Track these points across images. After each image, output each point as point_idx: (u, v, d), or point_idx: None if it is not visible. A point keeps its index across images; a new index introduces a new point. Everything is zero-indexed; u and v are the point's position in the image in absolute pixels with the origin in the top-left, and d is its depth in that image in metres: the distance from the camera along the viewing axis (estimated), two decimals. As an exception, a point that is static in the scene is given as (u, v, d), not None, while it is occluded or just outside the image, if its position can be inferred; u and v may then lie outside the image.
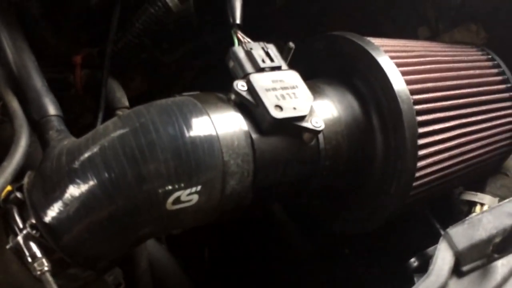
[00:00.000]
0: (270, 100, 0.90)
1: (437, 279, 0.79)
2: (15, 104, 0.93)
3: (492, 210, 0.86)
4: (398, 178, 1.02)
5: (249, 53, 0.96)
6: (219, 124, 0.86)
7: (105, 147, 0.81)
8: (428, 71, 1.11)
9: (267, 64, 0.95)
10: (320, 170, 0.99)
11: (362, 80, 1.05)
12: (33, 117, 0.94)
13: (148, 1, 1.14)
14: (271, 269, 1.49)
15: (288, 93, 0.92)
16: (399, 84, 1.01)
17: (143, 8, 1.15)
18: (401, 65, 1.05)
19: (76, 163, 0.82)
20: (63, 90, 1.16)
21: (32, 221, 0.82)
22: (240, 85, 0.91)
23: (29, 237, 0.81)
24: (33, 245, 0.81)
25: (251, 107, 0.91)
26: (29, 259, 0.80)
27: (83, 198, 0.80)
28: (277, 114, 0.89)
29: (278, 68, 0.96)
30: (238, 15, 1.03)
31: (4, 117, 0.97)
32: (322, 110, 1.00)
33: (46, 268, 0.79)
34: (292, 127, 0.91)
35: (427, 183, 1.07)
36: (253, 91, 0.91)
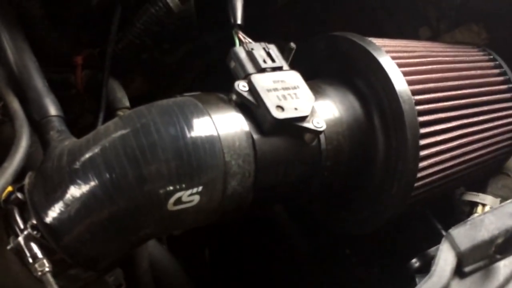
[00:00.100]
0: (272, 100, 0.90)
1: (439, 280, 0.79)
2: (15, 105, 0.93)
3: (494, 211, 0.86)
4: (400, 179, 1.02)
5: (250, 54, 0.96)
6: (220, 125, 0.86)
7: (106, 147, 0.81)
8: (429, 71, 1.11)
9: (268, 64, 0.95)
10: (321, 170, 0.99)
11: (364, 80, 1.05)
12: (34, 118, 0.94)
13: (149, 1, 1.14)
14: (271, 269, 1.49)
15: (290, 93, 0.92)
16: (401, 84, 1.01)
17: (144, 9, 1.15)
18: (403, 65, 1.04)
19: (77, 164, 0.81)
20: (63, 90, 1.16)
21: (33, 221, 0.82)
22: (241, 86, 0.91)
23: (30, 238, 0.81)
24: (34, 246, 0.81)
25: (252, 107, 0.91)
26: (30, 260, 0.80)
27: (84, 198, 0.80)
28: (278, 114, 0.88)
29: (279, 68, 0.96)
30: (239, 15, 1.03)
31: (5, 118, 0.97)
32: (323, 111, 1.00)
33: (47, 268, 0.79)
34: (294, 127, 0.91)
35: (428, 184, 1.07)
36: (254, 92, 0.91)
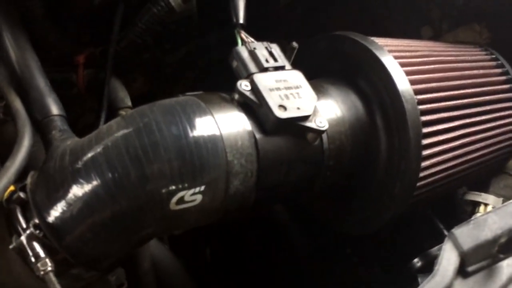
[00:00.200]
0: (274, 100, 0.89)
1: (442, 279, 0.79)
2: (18, 104, 0.93)
3: (497, 211, 0.86)
4: (402, 178, 1.02)
5: (252, 53, 0.95)
6: (222, 124, 0.86)
7: (108, 147, 0.81)
8: (432, 71, 1.11)
9: (270, 64, 0.95)
10: (323, 170, 0.99)
11: (366, 80, 1.05)
12: (36, 117, 0.94)
13: (151, 1, 1.14)
14: (272, 269, 1.49)
15: (292, 93, 0.92)
16: (403, 84, 1.01)
17: (146, 8, 1.15)
18: (405, 65, 1.04)
19: (79, 163, 0.81)
20: (65, 90, 1.16)
21: (36, 221, 0.82)
22: (244, 85, 0.91)
23: (33, 237, 0.81)
24: (36, 245, 0.80)
25: (255, 107, 0.90)
26: (33, 259, 0.80)
27: (86, 198, 0.80)
28: (281, 114, 0.88)
29: (282, 68, 0.96)
30: (241, 14, 1.03)
31: (7, 117, 0.97)
32: (325, 110, 1.00)
33: (49, 268, 0.79)
34: (296, 127, 0.91)
35: (430, 183, 1.07)
36: (256, 91, 0.90)
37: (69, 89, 1.19)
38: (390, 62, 1.02)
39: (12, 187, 0.84)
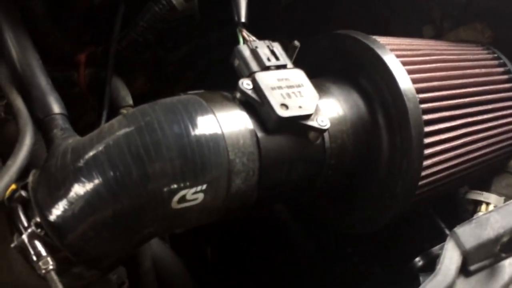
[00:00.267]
0: (276, 98, 0.89)
1: (444, 278, 0.79)
2: (19, 103, 0.93)
3: (499, 210, 0.86)
4: (404, 177, 1.01)
5: (254, 52, 0.95)
6: (224, 123, 0.86)
7: (110, 145, 0.81)
8: (434, 69, 1.10)
9: (272, 62, 0.95)
10: (325, 169, 0.99)
11: (368, 78, 1.04)
12: (38, 116, 0.94)
13: (153, 0, 1.14)
14: (273, 268, 1.49)
15: (294, 91, 0.92)
16: (405, 82, 1.01)
17: (147, 7, 1.14)
18: (407, 63, 1.04)
19: (81, 162, 0.81)
20: (66, 88, 1.16)
21: (37, 219, 0.82)
22: (246, 84, 0.91)
23: (34, 236, 0.81)
24: (38, 244, 0.80)
25: (257, 105, 0.90)
26: (34, 258, 0.80)
27: (88, 196, 0.80)
28: (282, 112, 0.88)
29: (284, 66, 0.96)
30: (243, 13, 1.02)
31: (9, 116, 0.97)
32: (327, 109, 1.00)
33: (51, 266, 0.79)
34: (298, 125, 0.91)
35: (432, 182, 1.07)
36: (258, 90, 0.90)
37: (70, 88, 1.19)
38: (392, 61, 1.02)
39: (13, 186, 0.84)
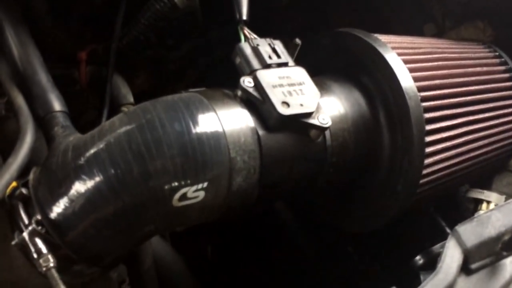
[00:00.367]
0: (277, 96, 0.89)
1: (445, 276, 0.79)
2: (20, 100, 0.93)
3: (500, 208, 0.85)
4: (405, 176, 1.01)
5: (255, 49, 0.95)
6: (225, 121, 0.86)
7: (111, 143, 0.81)
8: (435, 68, 1.10)
9: (273, 60, 0.95)
10: (326, 167, 0.99)
11: (369, 76, 1.04)
12: (39, 113, 0.94)
13: (154, -3, 1.14)
14: (273, 266, 1.49)
15: (295, 89, 0.92)
16: (407, 81, 1.00)
17: (148, 4, 1.14)
18: (409, 61, 1.04)
19: (81, 159, 0.81)
20: (67, 86, 1.16)
21: (38, 217, 0.82)
22: (247, 82, 0.91)
23: (35, 233, 0.81)
24: (38, 241, 0.81)
25: (258, 103, 0.90)
26: (35, 255, 0.80)
27: (88, 194, 0.80)
28: (284, 110, 0.88)
29: (285, 64, 0.95)
30: (244, 11, 1.02)
31: (9, 113, 0.97)
32: (328, 107, 1.00)
33: (51, 264, 0.79)
34: (299, 123, 0.91)
35: (433, 181, 1.06)
36: (259, 88, 0.90)
37: (71, 86, 1.19)
38: (393, 59, 1.02)
39: (14, 183, 0.84)
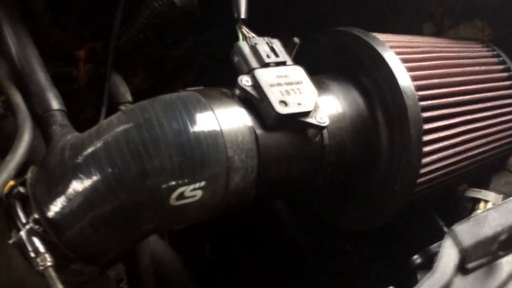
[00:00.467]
0: (275, 95, 0.89)
1: (442, 276, 0.79)
2: (18, 99, 0.93)
3: (497, 208, 0.86)
4: (403, 175, 1.01)
5: (253, 48, 0.95)
6: (223, 120, 0.86)
7: (109, 142, 0.81)
8: (433, 67, 1.10)
9: (272, 59, 0.95)
10: (324, 166, 0.99)
11: (367, 76, 1.04)
12: (37, 112, 0.94)
13: (152, -5, 1.14)
14: (272, 265, 1.49)
15: (293, 88, 0.92)
16: (405, 80, 1.00)
17: (147, 3, 1.14)
18: (407, 61, 1.04)
19: (79, 158, 0.81)
20: (66, 84, 1.16)
21: (35, 216, 0.82)
22: (245, 80, 0.91)
23: (32, 232, 0.81)
24: (36, 240, 0.80)
25: (256, 102, 0.90)
26: (32, 254, 0.80)
27: (86, 193, 0.80)
28: (281, 109, 0.88)
29: (283, 63, 0.95)
30: (243, 10, 1.02)
31: (7, 112, 0.97)
32: (326, 106, 1.00)
33: (49, 263, 0.79)
34: (297, 122, 0.91)
35: (431, 180, 1.07)
36: (257, 87, 0.90)
37: (69, 84, 1.19)
38: (391, 58, 1.02)
39: (12, 182, 0.84)
